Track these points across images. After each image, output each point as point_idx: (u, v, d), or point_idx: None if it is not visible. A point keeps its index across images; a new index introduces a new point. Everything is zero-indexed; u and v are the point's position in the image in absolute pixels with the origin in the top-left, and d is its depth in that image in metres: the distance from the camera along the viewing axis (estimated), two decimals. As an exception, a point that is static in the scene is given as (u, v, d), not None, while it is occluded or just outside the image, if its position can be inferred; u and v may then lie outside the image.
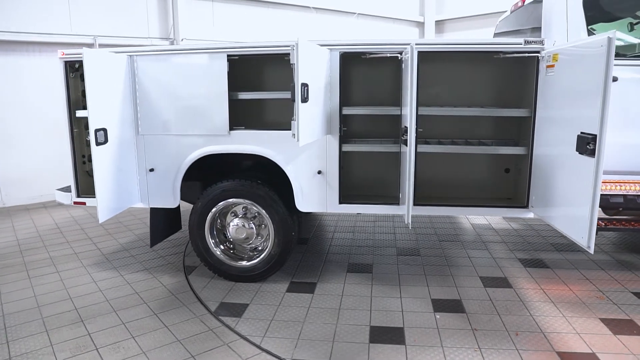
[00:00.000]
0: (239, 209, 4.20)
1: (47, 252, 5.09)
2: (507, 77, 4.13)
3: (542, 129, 3.50)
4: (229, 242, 4.29)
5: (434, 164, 4.28)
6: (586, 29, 3.82)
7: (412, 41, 3.11)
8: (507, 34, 5.09)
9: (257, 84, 4.47)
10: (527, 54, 3.57)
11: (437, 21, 12.33)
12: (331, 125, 3.78)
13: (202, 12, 8.56)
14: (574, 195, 2.95)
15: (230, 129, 3.92)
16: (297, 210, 4.05)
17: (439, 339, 3.22)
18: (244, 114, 4.37)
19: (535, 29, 4.36)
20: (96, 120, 3.45)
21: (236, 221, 4.15)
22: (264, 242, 4.23)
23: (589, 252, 2.81)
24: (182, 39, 8.03)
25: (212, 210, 4.09)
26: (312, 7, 9.98)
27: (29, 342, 3.26)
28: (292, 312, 3.64)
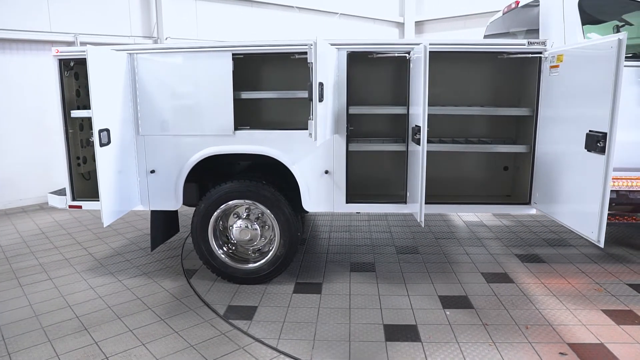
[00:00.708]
0: (241, 210, 4.14)
1: (35, 259, 4.88)
2: (504, 77, 4.23)
3: (545, 128, 3.60)
4: (231, 244, 4.22)
5: (435, 163, 4.33)
6: (582, 30, 3.96)
7: (424, 41, 3.14)
8: (499, 36, 5.21)
9: (255, 84, 4.41)
10: (530, 55, 3.66)
11: (416, 22, 12.52)
12: (338, 124, 3.77)
13: (185, 11, 8.40)
14: (582, 191, 3.04)
15: (235, 128, 3.86)
16: (300, 210, 4.03)
17: (452, 334, 3.27)
18: (245, 114, 4.32)
19: (530, 30, 4.48)
20: (100, 120, 3.33)
21: (240, 222, 4.09)
22: (267, 244, 4.19)
23: (599, 246, 2.90)
24: (166, 38, 7.86)
25: (216, 211, 4.02)
26: (296, 7, 9.95)
27: (32, 353, 3.12)
28: (303, 314, 3.61)
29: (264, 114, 4.43)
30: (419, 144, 3.25)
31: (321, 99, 3.05)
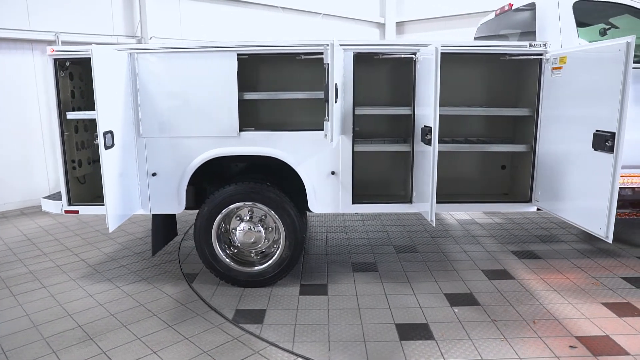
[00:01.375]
0: (244, 213, 4.09)
1: (25, 267, 4.68)
2: (501, 78, 4.32)
3: (547, 128, 3.70)
4: (233, 246, 4.16)
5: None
6: (577, 32, 4.09)
7: (435, 43, 3.18)
8: (492, 38, 5.32)
9: (253, 84, 4.36)
10: (531, 56, 3.75)
11: (397, 22, 12.64)
12: (345, 125, 3.77)
13: (169, 10, 8.22)
14: (589, 189, 3.14)
15: (239, 130, 3.80)
16: (304, 212, 4.01)
17: (464, 332, 3.32)
18: (242, 115, 4.25)
19: (524, 33, 4.59)
20: (105, 122, 3.22)
21: (243, 225, 4.04)
22: (270, 246, 4.15)
23: (608, 242, 3.00)
24: (150, 37, 7.67)
25: (220, 214, 3.95)
26: (280, 7, 9.89)
27: (37, 365, 2.99)
28: (313, 315, 3.59)
29: (263, 116, 4.38)
30: (430, 144, 3.28)
31: (336, 99, 3.03)
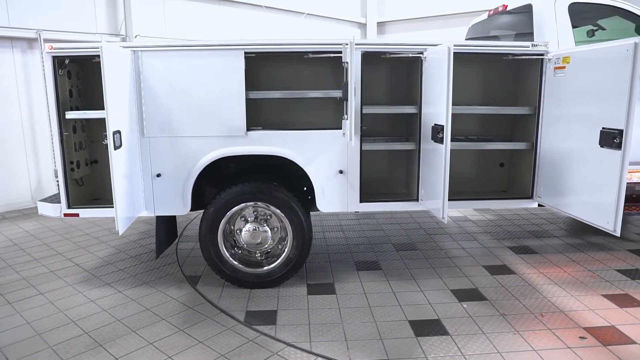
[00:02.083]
0: (248, 213, 4.04)
1: (16, 273, 4.48)
2: (499, 77, 4.41)
3: (550, 126, 3.80)
4: (238, 247, 4.11)
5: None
6: (572, 33, 4.22)
7: (448, 42, 3.22)
8: (485, 38, 5.43)
9: (257, 83, 4.31)
10: (533, 56, 3.85)
11: (378, 22, 12.75)
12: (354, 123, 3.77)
13: (152, 8, 8.04)
14: (595, 185, 3.25)
15: (247, 129, 3.76)
16: (308, 212, 4.01)
17: (476, 326, 3.38)
18: (251, 114, 4.21)
19: (519, 34, 4.71)
20: (114, 122, 3.13)
21: (249, 225, 3.99)
22: (275, 246, 4.12)
23: (616, 235, 3.11)
24: (135, 36, 7.48)
25: (226, 215, 3.90)
26: (264, 6, 9.83)
27: (48, 374, 2.88)
28: (325, 315, 3.59)
29: (267, 115, 4.33)
30: (442, 143, 3.32)
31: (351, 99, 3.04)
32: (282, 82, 4.26)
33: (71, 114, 3.71)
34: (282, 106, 4.29)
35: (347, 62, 2.90)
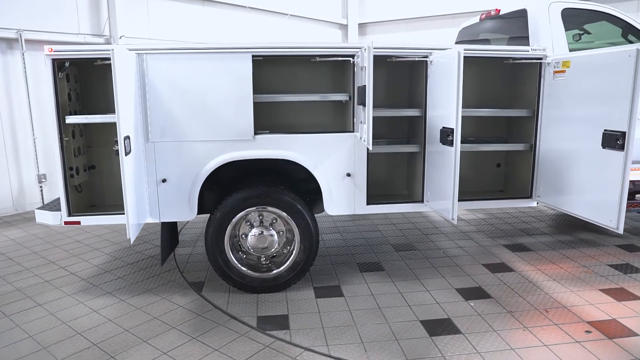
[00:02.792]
0: (253, 217, 4.01)
1: (9, 284, 4.30)
2: (496, 80, 4.53)
3: (550, 127, 3.93)
4: (243, 252, 4.08)
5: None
6: (565, 37, 4.37)
7: (458, 47, 3.28)
8: (477, 42, 5.54)
9: (261, 86, 4.29)
10: (532, 60, 3.97)
11: (359, 24, 12.83)
12: (360, 127, 3.80)
13: (136, 9, 7.85)
14: (598, 184, 3.38)
15: (254, 133, 3.73)
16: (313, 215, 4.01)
17: (487, 324, 3.46)
18: (257, 118, 4.18)
19: (513, 38, 4.84)
20: (124, 127, 3.05)
21: (255, 230, 3.96)
22: (280, 250, 4.10)
23: (619, 232, 3.25)
24: (120, 37, 7.29)
25: (233, 220, 3.86)
26: (248, 7, 9.75)
27: (62, 389, 2.78)
28: (338, 318, 3.60)
29: (271, 118, 4.31)
30: (452, 145, 3.39)
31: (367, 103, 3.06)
32: (283, 85, 4.25)
33: (71, 119, 3.60)
34: (286, 109, 4.28)
35: (365, 67, 2.92)
